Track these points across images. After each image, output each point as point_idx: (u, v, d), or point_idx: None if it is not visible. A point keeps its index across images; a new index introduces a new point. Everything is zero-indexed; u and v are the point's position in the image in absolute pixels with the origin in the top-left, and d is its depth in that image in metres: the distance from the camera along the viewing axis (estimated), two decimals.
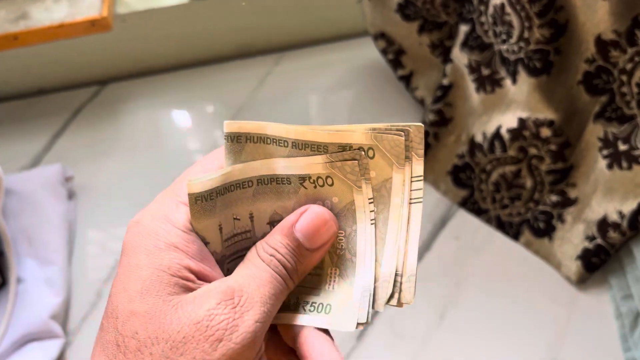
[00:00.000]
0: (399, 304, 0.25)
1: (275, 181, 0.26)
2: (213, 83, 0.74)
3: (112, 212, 0.64)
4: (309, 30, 0.75)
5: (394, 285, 0.25)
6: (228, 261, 0.26)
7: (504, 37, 0.54)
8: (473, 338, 0.56)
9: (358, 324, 0.25)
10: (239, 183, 0.25)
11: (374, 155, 0.25)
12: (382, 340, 0.56)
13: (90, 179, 0.66)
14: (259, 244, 0.25)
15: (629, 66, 0.50)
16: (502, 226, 0.61)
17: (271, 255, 0.24)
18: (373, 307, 0.25)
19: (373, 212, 0.25)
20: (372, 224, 0.25)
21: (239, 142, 0.26)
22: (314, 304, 0.26)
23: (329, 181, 0.25)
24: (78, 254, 0.61)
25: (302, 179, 0.26)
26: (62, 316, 0.57)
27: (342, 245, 0.26)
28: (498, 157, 0.59)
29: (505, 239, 0.61)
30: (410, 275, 0.25)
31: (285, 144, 0.26)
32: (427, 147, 0.63)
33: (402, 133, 0.25)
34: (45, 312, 0.55)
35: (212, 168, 0.26)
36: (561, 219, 0.59)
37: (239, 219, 0.26)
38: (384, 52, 0.65)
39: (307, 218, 0.25)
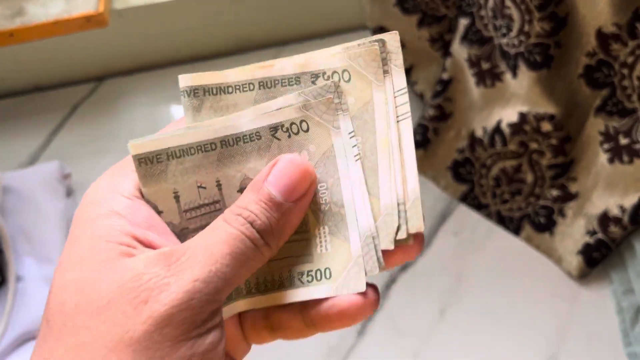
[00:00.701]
0: (409, 235, 0.22)
1: (242, 140, 0.23)
2: None
3: None
4: (308, 24, 0.74)
5: (399, 217, 0.22)
6: (191, 234, 0.22)
7: (504, 30, 0.53)
8: (474, 333, 0.55)
9: (367, 276, 0.22)
10: (200, 146, 0.22)
11: (349, 78, 0.23)
12: (383, 336, 0.56)
13: (89, 176, 0.66)
14: (227, 209, 0.22)
15: (629, 59, 0.50)
16: (502, 221, 0.61)
17: (237, 214, 0.21)
18: (380, 250, 0.22)
19: (356, 147, 0.23)
20: (357, 160, 0.23)
21: (196, 97, 0.23)
22: (310, 273, 0.23)
23: (304, 126, 0.23)
24: None
25: (274, 129, 0.23)
26: None
27: (325, 200, 0.23)
28: (498, 151, 0.59)
29: (505, 234, 0.60)
30: (415, 200, 0.22)
31: (251, 86, 0.23)
32: (427, 142, 0.63)
33: (377, 44, 0.22)
34: None
35: None
36: (562, 213, 0.58)
37: (204, 188, 0.23)
38: None
39: (279, 168, 0.22)
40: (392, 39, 0.22)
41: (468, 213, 0.62)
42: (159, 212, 0.22)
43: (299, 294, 0.23)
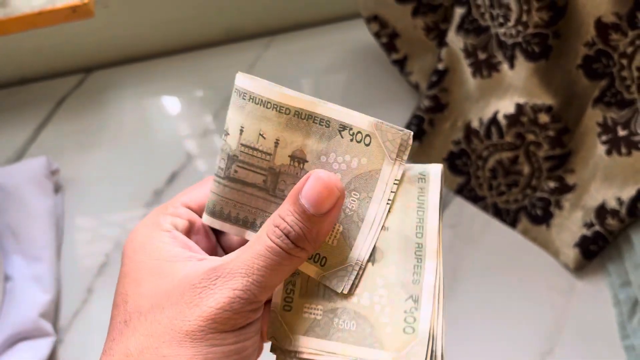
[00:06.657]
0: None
1: (312, 119, 0.26)
2: (202, 69, 0.72)
3: (101, 205, 0.63)
4: (300, 13, 0.73)
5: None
6: (237, 164, 0.27)
7: (501, 20, 0.52)
8: (470, 327, 0.55)
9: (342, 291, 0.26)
10: (278, 106, 0.26)
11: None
12: None
13: (77, 170, 0.64)
14: (269, 217, 0.26)
15: (629, 50, 0.49)
16: (499, 213, 0.60)
17: (276, 226, 0.25)
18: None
19: (393, 193, 0.26)
20: (387, 203, 0.26)
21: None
22: (313, 255, 0.27)
23: (367, 140, 0.26)
24: (67, 249, 0.60)
25: (343, 127, 0.26)
26: (52, 314, 0.55)
27: (352, 206, 0.26)
28: (495, 143, 0.58)
29: (502, 226, 0.60)
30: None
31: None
32: (423, 133, 0.61)
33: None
34: (35, 311, 0.54)
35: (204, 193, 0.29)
36: (559, 205, 0.58)
37: (264, 137, 0.27)
38: (377, 35, 0.63)
39: (310, 184, 0.25)
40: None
41: (464, 205, 0.61)
42: (227, 134, 0.27)
43: None
